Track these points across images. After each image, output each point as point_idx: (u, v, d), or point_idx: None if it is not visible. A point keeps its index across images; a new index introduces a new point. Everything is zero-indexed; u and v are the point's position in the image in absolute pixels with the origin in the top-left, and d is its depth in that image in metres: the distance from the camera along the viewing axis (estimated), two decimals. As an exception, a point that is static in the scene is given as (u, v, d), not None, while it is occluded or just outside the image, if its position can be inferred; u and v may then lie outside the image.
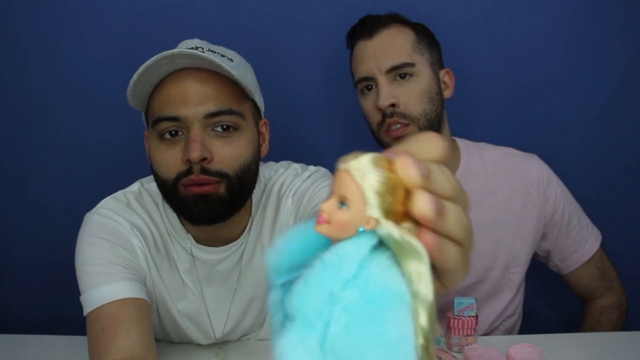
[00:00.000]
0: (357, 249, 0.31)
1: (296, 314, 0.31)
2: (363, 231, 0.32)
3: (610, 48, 1.37)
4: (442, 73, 1.19)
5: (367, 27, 1.15)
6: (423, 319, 0.31)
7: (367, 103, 1.16)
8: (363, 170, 0.31)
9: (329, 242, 0.33)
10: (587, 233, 1.26)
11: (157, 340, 0.99)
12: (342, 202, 0.31)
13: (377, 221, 0.31)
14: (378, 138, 1.18)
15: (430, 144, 0.33)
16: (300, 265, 0.34)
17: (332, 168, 1.15)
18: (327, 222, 0.32)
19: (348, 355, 0.29)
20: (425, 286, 0.31)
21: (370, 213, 0.31)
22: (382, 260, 0.31)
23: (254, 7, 1.37)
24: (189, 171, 0.85)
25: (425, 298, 0.31)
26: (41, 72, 1.38)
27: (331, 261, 0.31)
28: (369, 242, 0.32)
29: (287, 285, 0.35)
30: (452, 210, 0.32)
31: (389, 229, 0.31)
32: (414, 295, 0.31)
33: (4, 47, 1.38)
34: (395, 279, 0.31)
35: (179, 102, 0.85)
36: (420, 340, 0.31)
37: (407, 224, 0.32)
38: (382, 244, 0.32)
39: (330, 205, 0.32)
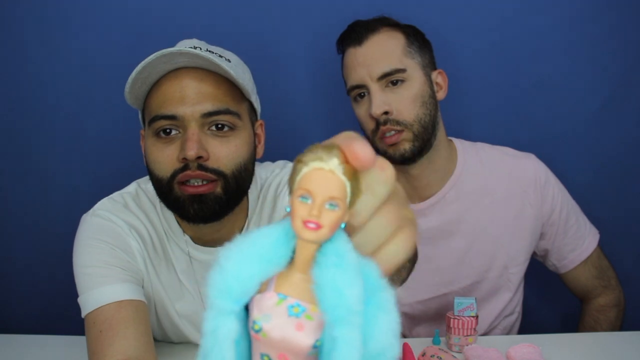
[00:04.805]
0: (350, 245, 0.32)
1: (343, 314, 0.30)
2: (344, 226, 0.32)
3: (610, 48, 1.37)
4: (434, 74, 1.18)
5: (356, 33, 1.14)
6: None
7: (361, 111, 1.16)
8: (339, 167, 0.31)
9: (286, 252, 0.32)
10: (584, 232, 1.26)
11: (157, 341, 0.99)
12: (334, 203, 0.30)
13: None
14: (373, 145, 1.17)
15: (380, 178, 0.32)
16: (254, 285, 0.32)
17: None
18: (321, 226, 0.30)
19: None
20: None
21: (348, 207, 0.31)
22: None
23: (250, 10, 1.37)
24: (184, 168, 0.85)
25: None
26: (40, 72, 1.38)
27: (350, 264, 0.31)
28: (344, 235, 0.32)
29: (244, 312, 0.32)
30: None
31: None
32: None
33: (3, 48, 1.38)
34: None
35: (177, 100, 0.85)
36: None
37: None
38: None
39: (318, 209, 0.30)
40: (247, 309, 0.33)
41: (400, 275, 0.65)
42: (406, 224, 0.33)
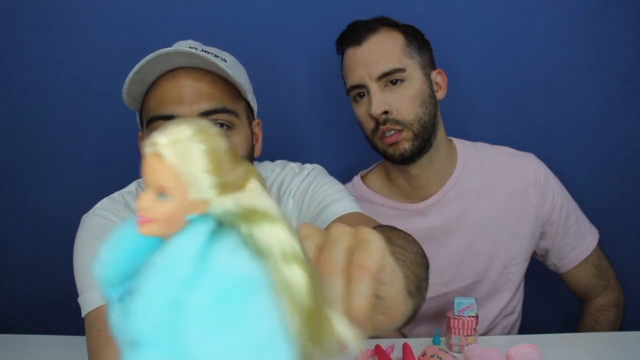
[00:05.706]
0: (189, 241, 0.26)
1: (137, 335, 0.27)
2: (194, 219, 0.27)
3: (610, 48, 1.37)
4: (434, 74, 1.18)
5: (355, 33, 1.14)
6: (297, 285, 0.27)
7: (360, 110, 1.16)
8: (180, 148, 0.27)
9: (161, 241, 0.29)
10: (584, 231, 1.26)
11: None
12: (161, 193, 0.27)
13: (207, 202, 0.27)
14: (373, 144, 1.18)
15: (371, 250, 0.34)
16: (135, 271, 0.29)
17: (327, 166, 1.14)
18: (150, 220, 0.27)
19: None
20: (287, 243, 0.27)
21: (197, 196, 0.27)
22: (227, 245, 0.27)
23: (250, 10, 1.37)
24: None
25: (294, 254, 0.27)
26: (40, 72, 1.38)
27: (163, 263, 0.27)
28: (202, 229, 0.27)
29: (126, 297, 0.29)
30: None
31: (224, 204, 0.27)
32: (277, 265, 0.27)
33: (3, 49, 1.38)
34: (246, 262, 0.26)
35: (174, 100, 0.86)
36: (297, 317, 0.27)
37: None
38: (224, 226, 0.28)
39: (148, 200, 0.27)
40: None
41: (421, 291, 0.64)
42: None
